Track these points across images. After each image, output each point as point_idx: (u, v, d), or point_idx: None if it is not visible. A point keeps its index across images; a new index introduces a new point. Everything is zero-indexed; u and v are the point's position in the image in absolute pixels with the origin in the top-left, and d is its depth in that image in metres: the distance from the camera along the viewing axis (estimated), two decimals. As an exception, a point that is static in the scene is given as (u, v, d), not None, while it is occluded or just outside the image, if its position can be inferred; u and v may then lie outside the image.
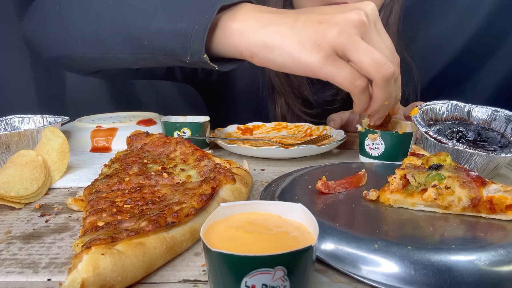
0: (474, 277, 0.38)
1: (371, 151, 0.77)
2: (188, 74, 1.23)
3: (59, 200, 0.62)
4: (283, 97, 1.15)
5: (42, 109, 1.51)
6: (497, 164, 0.67)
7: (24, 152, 0.67)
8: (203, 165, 0.62)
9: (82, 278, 0.36)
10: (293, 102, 1.15)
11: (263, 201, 0.40)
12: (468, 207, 0.48)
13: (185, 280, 0.41)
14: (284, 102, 1.16)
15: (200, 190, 0.52)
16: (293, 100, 1.15)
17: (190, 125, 0.87)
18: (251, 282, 0.31)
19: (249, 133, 1.02)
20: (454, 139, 0.72)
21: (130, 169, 0.61)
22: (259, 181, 0.70)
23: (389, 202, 0.52)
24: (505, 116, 0.75)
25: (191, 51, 0.67)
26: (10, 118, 0.89)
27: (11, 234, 0.51)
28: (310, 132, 1.00)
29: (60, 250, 0.47)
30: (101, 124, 0.95)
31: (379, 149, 0.76)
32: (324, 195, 0.55)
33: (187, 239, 0.46)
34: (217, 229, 0.36)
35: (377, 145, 0.76)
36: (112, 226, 0.44)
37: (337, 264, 0.41)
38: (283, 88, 1.13)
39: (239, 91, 1.25)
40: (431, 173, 0.51)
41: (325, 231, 0.44)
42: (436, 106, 0.78)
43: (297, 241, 0.35)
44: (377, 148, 0.77)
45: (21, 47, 1.52)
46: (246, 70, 1.20)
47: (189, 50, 0.67)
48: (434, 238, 0.44)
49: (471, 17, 1.46)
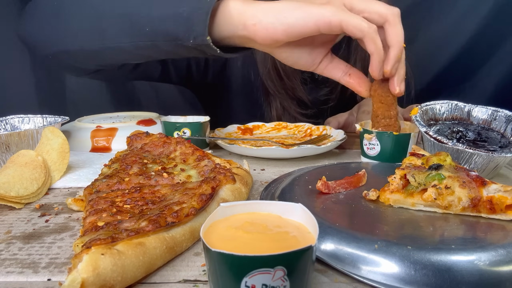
0: (474, 277, 0.38)
1: (369, 151, 0.77)
2: (183, 76, 1.23)
3: (59, 200, 0.62)
4: (278, 99, 1.16)
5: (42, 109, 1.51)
6: (497, 164, 0.67)
7: (24, 152, 0.66)
8: (203, 165, 0.62)
9: (82, 278, 0.36)
10: (288, 104, 1.15)
11: (263, 201, 0.41)
12: (468, 207, 0.48)
13: (185, 280, 0.41)
14: (279, 104, 1.16)
15: (200, 190, 0.52)
16: (288, 102, 1.15)
17: (190, 125, 0.87)
18: (251, 282, 0.31)
19: (249, 133, 1.02)
20: (454, 139, 0.72)
21: (130, 169, 0.61)
22: (259, 181, 0.70)
23: (389, 202, 0.52)
24: (505, 116, 0.75)
25: (194, 34, 0.67)
26: (10, 118, 0.89)
27: (11, 234, 0.51)
28: (310, 132, 1.00)
29: (60, 250, 0.47)
30: (101, 124, 0.95)
31: (375, 149, 0.76)
32: (324, 195, 0.55)
33: (187, 239, 0.46)
34: (217, 229, 0.36)
35: (374, 145, 0.76)
36: (112, 226, 0.44)
37: (337, 264, 0.41)
38: (277, 91, 1.13)
39: (234, 92, 1.26)
40: (431, 173, 0.51)
41: (325, 231, 0.44)
42: (436, 106, 0.78)
43: (297, 241, 0.35)
44: (374, 149, 0.77)
45: (21, 47, 1.53)
46: (240, 72, 1.20)
47: (192, 33, 0.67)
48: (434, 238, 0.44)
49: (471, 17, 1.46)
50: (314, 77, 1.17)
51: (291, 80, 1.12)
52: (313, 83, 1.18)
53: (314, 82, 1.18)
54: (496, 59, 1.49)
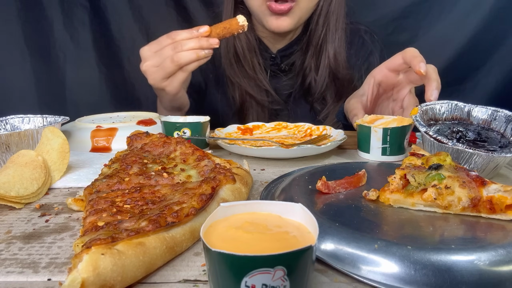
0: (474, 277, 0.38)
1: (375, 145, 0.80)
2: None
3: (59, 200, 0.62)
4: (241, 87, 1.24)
5: (42, 109, 1.51)
6: (497, 164, 0.67)
7: (24, 152, 0.66)
8: (203, 165, 0.62)
9: (82, 278, 0.36)
10: (252, 91, 1.23)
11: (263, 201, 0.41)
12: (468, 207, 0.48)
13: (185, 280, 0.41)
14: (245, 92, 1.24)
15: (200, 190, 0.52)
16: (252, 89, 1.23)
17: (190, 125, 0.87)
18: (251, 282, 0.31)
19: (249, 133, 1.02)
20: (454, 139, 0.72)
21: (130, 169, 0.61)
22: (259, 181, 0.70)
23: (389, 202, 0.52)
24: (505, 116, 0.75)
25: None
26: (10, 118, 0.89)
27: (11, 234, 0.51)
28: (310, 132, 1.00)
29: (60, 250, 0.47)
30: (101, 124, 0.95)
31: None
32: (324, 195, 0.55)
33: (187, 239, 0.46)
34: (217, 229, 0.36)
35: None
36: (112, 226, 0.44)
37: (337, 264, 0.41)
38: (239, 79, 1.22)
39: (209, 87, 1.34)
40: (431, 173, 0.51)
41: (325, 231, 0.44)
42: (436, 106, 0.78)
43: (297, 241, 0.35)
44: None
45: (21, 47, 1.53)
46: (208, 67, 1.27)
47: None
48: (434, 238, 0.44)
49: (471, 18, 1.46)
50: (280, 69, 1.25)
51: (251, 69, 1.21)
52: (279, 74, 1.25)
53: (280, 73, 1.25)
54: (496, 59, 1.49)
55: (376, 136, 0.79)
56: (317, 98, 1.23)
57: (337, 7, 1.15)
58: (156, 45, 0.93)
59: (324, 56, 1.18)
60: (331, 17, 1.15)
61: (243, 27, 0.92)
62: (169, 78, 0.94)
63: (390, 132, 0.78)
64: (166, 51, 0.91)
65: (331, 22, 1.15)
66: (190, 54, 0.90)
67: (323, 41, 1.18)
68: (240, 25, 0.92)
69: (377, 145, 0.80)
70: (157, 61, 0.93)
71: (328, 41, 1.17)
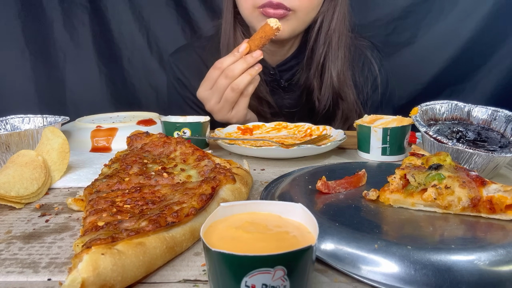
0: (474, 277, 0.38)
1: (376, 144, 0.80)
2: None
3: (59, 200, 0.62)
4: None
5: (42, 109, 1.51)
6: (497, 164, 0.67)
7: (24, 152, 0.67)
8: (203, 165, 0.62)
9: (82, 278, 0.36)
10: (255, 104, 1.18)
11: (263, 201, 0.41)
12: (468, 207, 0.48)
13: (185, 280, 0.41)
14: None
15: (200, 190, 0.52)
16: (254, 101, 1.18)
17: (190, 125, 0.87)
18: (251, 282, 0.31)
19: (249, 133, 1.02)
20: (454, 139, 0.72)
21: (130, 169, 0.61)
22: (259, 181, 0.70)
23: (389, 202, 0.52)
24: (505, 116, 0.75)
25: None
26: (10, 118, 0.89)
27: (11, 234, 0.51)
28: (310, 132, 1.00)
29: (60, 250, 0.47)
30: (101, 124, 0.95)
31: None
32: (324, 195, 0.55)
33: (187, 239, 0.46)
34: (217, 229, 0.36)
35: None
36: (112, 226, 0.44)
37: (337, 264, 0.41)
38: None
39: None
40: (431, 173, 0.51)
41: (325, 231, 0.44)
42: (436, 106, 0.78)
43: (297, 241, 0.35)
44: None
45: (21, 47, 1.53)
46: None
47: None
48: (434, 238, 0.44)
49: (471, 18, 1.46)
50: (280, 85, 1.21)
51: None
52: (279, 90, 1.21)
53: (279, 89, 1.22)
54: (496, 59, 1.49)
55: (376, 136, 0.79)
56: (322, 117, 1.20)
57: (339, 25, 1.11)
58: (208, 82, 0.94)
59: (327, 75, 1.14)
60: (332, 35, 1.11)
61: (277, 29, 0.92)
62: (233, 109, 0.95)
63: (390, 132, 0.78)
64: (220, 83, 0.92)
65: (333, 40, 1.12)
66: (245, 77, 0.91)
67: (325, 60, 1.14)
68: (274, 29, 0.92)
69: (377, 145, 0.80)
70: (217, 96, 0.93)
71: (331, 59, 1.13)
